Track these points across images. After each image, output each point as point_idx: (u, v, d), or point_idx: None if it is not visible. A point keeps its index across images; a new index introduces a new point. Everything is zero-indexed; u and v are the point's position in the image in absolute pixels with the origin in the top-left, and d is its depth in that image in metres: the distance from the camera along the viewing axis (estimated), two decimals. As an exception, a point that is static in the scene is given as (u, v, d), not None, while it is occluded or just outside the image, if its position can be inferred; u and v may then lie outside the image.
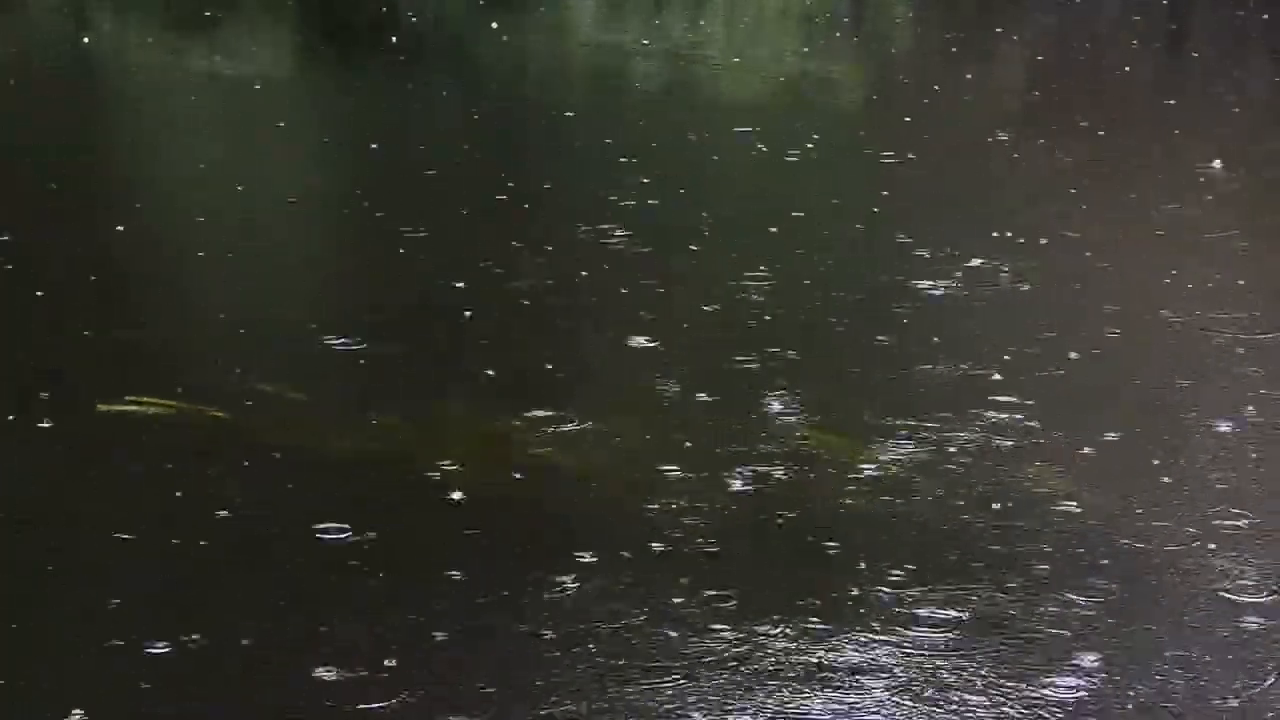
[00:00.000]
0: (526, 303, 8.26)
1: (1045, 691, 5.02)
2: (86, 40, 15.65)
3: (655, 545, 5.82)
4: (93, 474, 6.35)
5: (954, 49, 16.12)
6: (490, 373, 7.36)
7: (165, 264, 9.06)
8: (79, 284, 8.41)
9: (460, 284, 8.44)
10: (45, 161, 10.99)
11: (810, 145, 11.64)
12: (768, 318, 8.11)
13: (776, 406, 7.00)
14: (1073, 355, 7.72)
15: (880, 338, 7.94)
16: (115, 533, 5.83)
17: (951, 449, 6.64)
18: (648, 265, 8.84)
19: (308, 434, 6.65)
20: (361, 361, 7.52)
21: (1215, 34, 17.21)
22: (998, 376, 7.41)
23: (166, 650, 5.11)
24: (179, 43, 15.51)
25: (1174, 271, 8.94)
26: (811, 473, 6.41)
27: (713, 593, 5.51)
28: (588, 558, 5.71)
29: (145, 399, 6.90)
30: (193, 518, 5.95)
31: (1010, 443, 6.74)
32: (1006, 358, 7.64)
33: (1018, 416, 6.98)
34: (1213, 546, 5.93)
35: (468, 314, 8.11)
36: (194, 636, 5.18)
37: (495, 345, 7.70)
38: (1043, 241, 9.42)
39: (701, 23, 16.88)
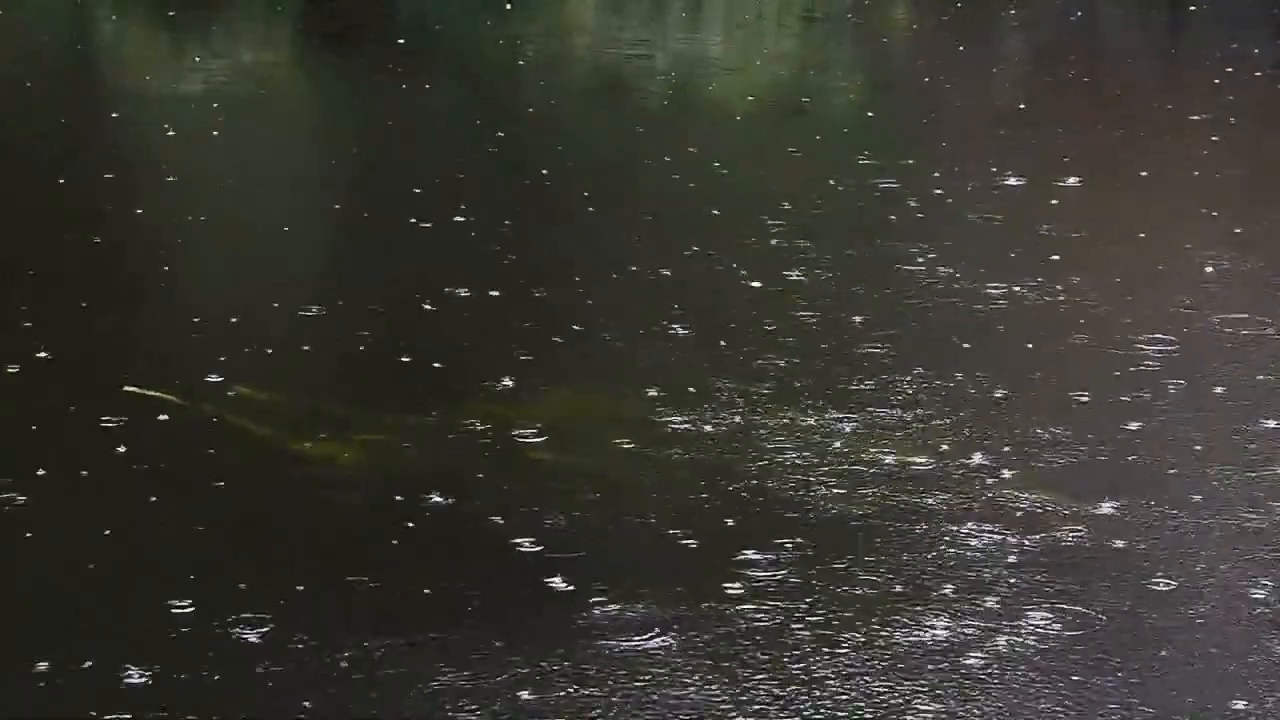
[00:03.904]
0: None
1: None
2: (82, 41, 15.63)
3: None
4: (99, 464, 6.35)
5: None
6: (495, 378, 7.35)
7: (173, 265, 9.06)
8: (82, 281, 8.41)
9: (464, 291, 8.41)
10: (46, 160, 10.99)
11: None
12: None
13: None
14: None
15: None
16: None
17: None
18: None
19: (315, 435, 6.66)
20: (372, 363, 7.55)
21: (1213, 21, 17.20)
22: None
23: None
24: (178, 40, 15.49)
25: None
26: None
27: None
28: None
29: (161, 391, 6.93)
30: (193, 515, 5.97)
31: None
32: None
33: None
34: None
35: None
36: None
37: (498, 348, 7.68)
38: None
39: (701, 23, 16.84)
